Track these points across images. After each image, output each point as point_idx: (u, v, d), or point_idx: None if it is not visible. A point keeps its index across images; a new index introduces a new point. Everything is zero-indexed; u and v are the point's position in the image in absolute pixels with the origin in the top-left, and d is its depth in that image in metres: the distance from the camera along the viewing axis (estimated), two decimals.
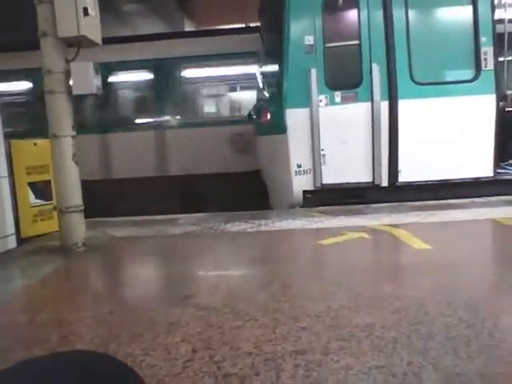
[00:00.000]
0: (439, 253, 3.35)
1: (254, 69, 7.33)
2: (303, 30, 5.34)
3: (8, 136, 4.44)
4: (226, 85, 8.80)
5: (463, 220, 4.33)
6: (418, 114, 5.27)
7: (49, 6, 3.74)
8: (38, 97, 6.50)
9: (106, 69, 5.31)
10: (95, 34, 3.97)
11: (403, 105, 5.24)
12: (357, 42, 5.31)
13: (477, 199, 5.23)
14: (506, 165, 5.95)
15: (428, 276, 2.83)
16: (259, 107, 6.32)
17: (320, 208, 5.31)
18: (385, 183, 5.39)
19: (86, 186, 4.37)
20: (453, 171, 5.36)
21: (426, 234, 3.82)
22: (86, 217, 4.23)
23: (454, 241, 3.74)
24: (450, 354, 1.83)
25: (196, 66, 8.21)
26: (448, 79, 5.43)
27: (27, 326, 2.46)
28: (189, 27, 17.52)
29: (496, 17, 5.30)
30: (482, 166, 5.34)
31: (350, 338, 2.03)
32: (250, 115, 6.88)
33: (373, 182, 5.39)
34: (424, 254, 3.32)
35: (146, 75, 8.17)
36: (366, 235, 3.93)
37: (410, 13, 5.27)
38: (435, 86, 5.30)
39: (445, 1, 5.42)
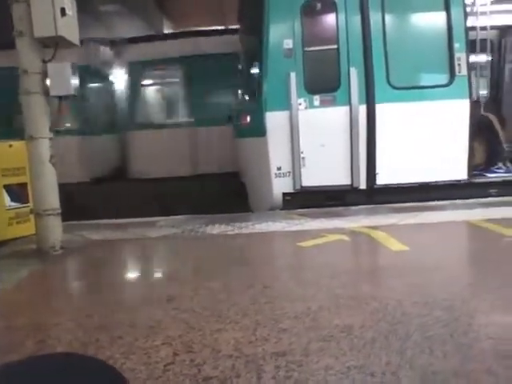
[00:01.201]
0: (416, 254, 3.41)
1: None
2: (282, 34, 5.39)
3: None
4: None
5: (440, 222, 4.43)
6: (394, 117, 5.37)
7: (24, 5, 3.68)
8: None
9: None
10: (73, 35, 3.92)
11: (380, 108, 5.34)
12: (335, 46, 5.38)
13: (452, 201, 5.35)
14: (497, 168, 6.07)
15: (405, 277, 2.88)
16: (239, 110, 6.34)
17: (300, 210, 5.35)
18: (363, 186, 5.47)
19: None
20: (429, 174, 5.47)
21: (404, 236, 3.89)
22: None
23: (430, 242, 3.82)
24: (426, 354, 1.87)
25: None
26: (423, 84, 5.55)
27: (3, 331, 2.41)
28: (168, 28, 17.42)
29: (468, 24, 5.45)
30: (456, 169, 5.47)
31: (330, 338, 2.06)
32: (229, 118, 6.90)
33: (351, 184, 5.46)
34: (401, 255, 3.38)
35: None
36: (345, 237, 3.98)
37: (387, 18, 5.37)
38: (411, 90, 5.41)
39: (420, 7, 5.54)
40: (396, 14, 5.48)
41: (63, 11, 3.69)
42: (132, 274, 3.58)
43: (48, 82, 3.86)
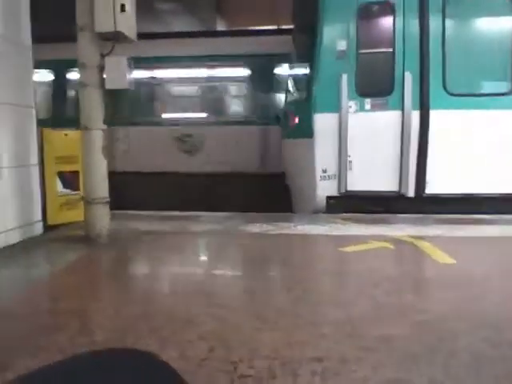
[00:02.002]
0: (464, 268, 3.26)
1: None
2: (336, 35, 5.31)
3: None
4: None
5: (490, 236, 4.22)
6: (449, 125, 5.16)
7: (88, 1, 3.81)
8: None
9: None
10: (131, 31, 4.03)
11: (435, 115, 5.15)
12: (390, 49, 5.24)
13: (505, 216, 5.08)
14: None
15: (452, 291, 2.76)
16: (287, 110, 6.31)
17: (343, 215, 5.26)
18: (411, 194, 5.30)
19: None
20: (482, 185, 5.23)
21: (452, 248, 3.74)
22: None
23: (479, 257, 3.65)
24: (472, 376, 1.78)
25: None
26: (482, 91, 5.30)
27: (49, 313, 2.50)
28: (220, 26, 17.63)
29: None
30: None
31: (370, 348, 2.00)
32: (277, 118, 6.88)
33: (399, 191, 5.30)
34: (449, 268, 3.25)
35: None
36: (389, 245, 3.87)
37: (447, 22, 5.17)
38: (469, 97, 5.19)
39: (484, 11, 5.30)
40: (457, 17, 5.26)
41: (123, 7, 3.80)
42: (173, 267, 3.63)
43: (104, 75, 4.00)
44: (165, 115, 8.55)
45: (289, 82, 6.81)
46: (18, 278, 3.18)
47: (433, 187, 5.26)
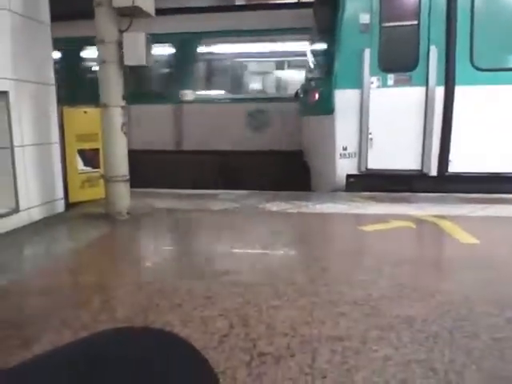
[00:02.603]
0: (487, 248, 3.20)
1: None
2: (359, 8, 5.14)
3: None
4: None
5: None
6: (475, 101, 4.99)
7: None
8: None
9: None
10: (149, 5, 3.97)
11: (460, 91, 4.98)
12: (415, 22, 5.06)
13: None
14: None
15: (474, 272, 2.71)
16: (307, 87, 6.20)
17: (363, 193, 5.19)
18: (434, 172, 5.19)
19: None
20: (508, 165, 5.08)
21: (475, 228, 3.66)
22: None
23: (503, 237, 3.57)
24: (495, 356, 1.75)
25: None
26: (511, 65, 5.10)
27: (72, 288, 2.56)
28: (240, 1, 17.30)
29: None
30: None
31: (390, 328, 1.98)
32: (296, 94, 6.77)
33: (421, 170, 5.20)
34: (471, 248, 3.18)
35: None
36: (410, 224, 3.81)
37: None
38: (497, 72, 4.99)
39: None
40: None
41: None
42: (192, 244, 3.65)
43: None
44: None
45: (309, 56, 6.67)
46: (41, 254, 3.25)
47: (456, 166, 5.13)
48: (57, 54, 8.33)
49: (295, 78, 8.06)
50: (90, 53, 8.42)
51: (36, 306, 2.28)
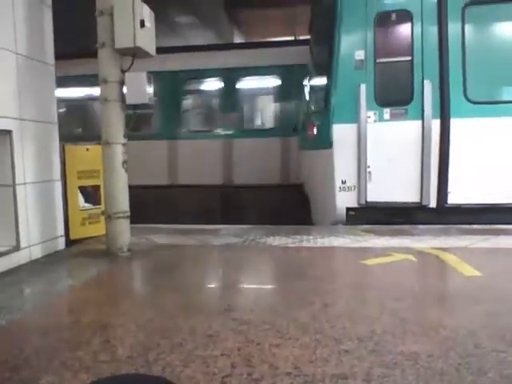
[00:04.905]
0: (490, 281, 3.18)
1: None
2: (354, 45, 5.29)
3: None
4: None
5: None
6: (471, 133, 5.08)
7: (109, 17, 3.90)
8: None
9: None
10: (150, 46, 4.09)
11: (456, 124, 5.07)
12: (409, 57, 5.20)
13: None
14: None
15: (479, 305, 2.68)
16: (305, 121, 6.30)
17: (364, 226, 5.19)
18: (433, 204, 5.21)
19: None
20: (507, 195, 5.11)
21: (477, 260, 3.65)
22: None
23: (505, 269, 3.55)
24: None
25: None
26: (504, 98, 5.20)
27: (71, 328, 2.52)
28: (238, 39, 17.82)
29: None
30: None
31: (394, 365, 1.95)
32: (295, 128, 6.88)
33: (420, 202, 5.22)
34: (474, 281, 3.16)
35: None
36: (412, 257, 3.80)
37: (467, 28, 5.11)
38: (491, 105, 5.10)
39: (504, 16, 5.22)
40: (476, 22, 5.19)
41: (142, 23, 3.87)
42: (193, 281, 3.62)
43: (124, 90, 4.06)
44: None
45: (306, 92, 6.82)
46: (41, 292, 3.22)
47: (455, 197, 5.16)
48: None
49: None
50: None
51: (35, 347, 2.24)
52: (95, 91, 4.22)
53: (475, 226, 5.01)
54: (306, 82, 7.02)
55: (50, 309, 2.86)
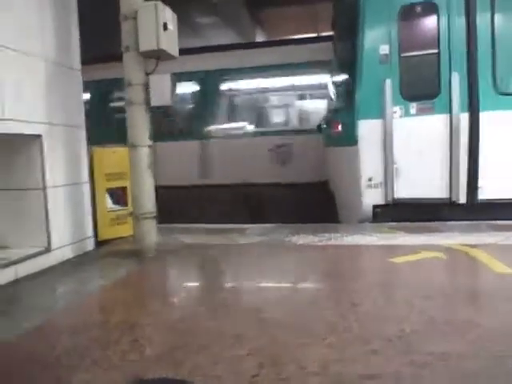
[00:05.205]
0: None
1: None
2: (378, 39, 5.21)
3: None
4: None
5: None
6: (501, 126, 4.92)
7: (132, 22, 3.95)
8: None
9: None
10: (173, 48, 4.13)
11: (485, 117, 4.93)
12: (435, 50, 5.08)
13: None
14: None
15: (511, 303, 2.61)
16: (330, 118, 6.24)
17: (391, 224, 5.11)
18: (463, 200, 5.08)
19: None
20: None
21: (508, 257, 3.54)
22: None
23: None
24: None
25: None
26: None
27: (101, 327, 2.58)
28: (260, 38, 17.81)
29: None
30: None
31: (424, 365, 1.91)
32: (319, 126, 6.83)
33: (449, 198, 5.10)
34: (506, 278, 3.07)
35: None
36: (441, 255, 3.72)
37: (496, 17, 4.95)
38: None
39: None
40: (506, 13, 5.03)
41: (165, 26, 3.91)
42: (221, 280, 3.65)
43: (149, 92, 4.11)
44: None
45: (331, 88, 6.75)
46: (72, 292, 3.30)
47: (486, 193, 5.01)
48: None
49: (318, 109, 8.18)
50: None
51: (67, 346, 2.30)
52: None
53: (506, 222, 4.86)
54: (329, 79, 6.96)
55: (80, 308, 2.93)
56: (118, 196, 4.95)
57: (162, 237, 4.52)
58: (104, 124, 8.28)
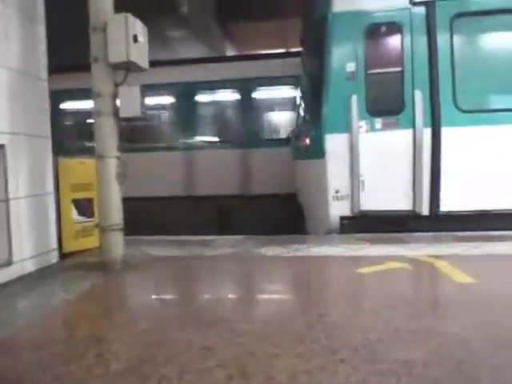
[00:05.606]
0: (484, 288, 3.20)
1: None
2: (345, 57, 5.37)
3: None
4: None
5: (509, 254, 4.14)
6: (462, 141, 5.14)
7: (102, 33, 3.93)
8: None
9: None
10: (143, 60, 4.12)
11: (446, 132, 5.14)
12: (400, 68, 5.28)
13: None
14: None
15: (472, 312, 2.70)
16: (298, 131, 6.35)
17: (358, 235, 5.22)
18: (426, 212, 5.25)
19: None
20: (498, 202, 5.16)
21: (470, 267, 3.67)
22: None
23: (499, 276, 3.57)
24: None
25: None
26: (494, 107, 5.29)
27: (65, 342, 2.51)
28: (230, 52, 17.97)
29: None
30: None
31: (390, 373, 1.96)
32: (288, 139, 6.93)
33: (413, 210, 5.26)
34: (468, 288, 3.19)
35: None
36: (406, 265, 3.82)
37: (455, 39, 5.20)
38: (480, 113, 5.17)
39: (492, 27, 5.32)
40: (465, 32, 5.29)
41: (136, 38, 3.90)
42: (187, 292, 3.62)
43: (118, 104, 4.08)
44: None
45: (299, 103, 6.88)
46: (35, 306, 3.19)
47: (448, 205, 5.20)
48: None
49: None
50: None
51: (29, 362, 2.23)
52: None
53: (468, 233, 5.04)
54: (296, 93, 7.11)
55: (43, 323, 2.84)
56: (85, 207, 4.85)
57: (128, 249, 4.45)
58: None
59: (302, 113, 6.66)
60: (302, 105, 6.72)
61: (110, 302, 3.33)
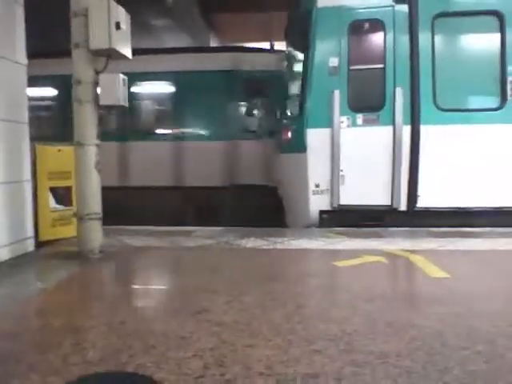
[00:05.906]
0: (458, 282, 3.28)
1: None
2: (328, 52, 5.39)
3: None
4: None
5: (483, 249, 4.26)
6: (440, 139, 5.23)
7: (83, 19, 3.85)
8: None
9: None
10: (125, 48, 4.06)
11: (425, 130, 5.22)
12: (382, 65, 5.33)
13: (497, 229, 5.13)
14: None
15: (446, 306, 2.77)
16: (280, 125, 6.36)
17: (336, 229, 5.28)
18: (403, 207, 5.34)
19: None
20: (474, 199, 5.28)
21: (444, 262, 3.76)
22: None
23: (473, 270, 3.67)
24: None
25: None
26: (472, 106, 5.39)
27: (42, 330, 2.47)
28: (214, 43, 17.84)
29: None
30: (505, 195, 5.26)
31: (364, 364, 1.99)
32: (271, 132, 6.95)
33: (391, 205, 5.34)
34: (442, 282, 3.26)
35: None
36: (382, 259, 3.88)
37: (436, 39, 5.28)
38: (459, 112, 5.27)
39: (472, 28, 5.41)
40: (446, 33, 5.37)
41: (118, 25, 3.84)
42: (165, 283, 3.61)
43: (98, 91, 4.02)
44: None
45: (282, 97, 6.88)
46: (8, 295, 3.14)
47: (425, 201, 5.30)
48: None
49: None
50: None
51: (2, 351, 2.19)
52: None
53: (443, 229, 5.15)
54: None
55: (18, 312, 2.80)
56: (62, 195, 4.76)
57: (107, 239, 4.40)
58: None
59: (284, 107, 6.67)
60: (285, 99, 6.72)
61: (86, 292, 3.30)
